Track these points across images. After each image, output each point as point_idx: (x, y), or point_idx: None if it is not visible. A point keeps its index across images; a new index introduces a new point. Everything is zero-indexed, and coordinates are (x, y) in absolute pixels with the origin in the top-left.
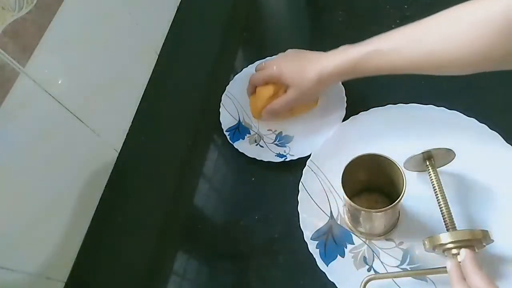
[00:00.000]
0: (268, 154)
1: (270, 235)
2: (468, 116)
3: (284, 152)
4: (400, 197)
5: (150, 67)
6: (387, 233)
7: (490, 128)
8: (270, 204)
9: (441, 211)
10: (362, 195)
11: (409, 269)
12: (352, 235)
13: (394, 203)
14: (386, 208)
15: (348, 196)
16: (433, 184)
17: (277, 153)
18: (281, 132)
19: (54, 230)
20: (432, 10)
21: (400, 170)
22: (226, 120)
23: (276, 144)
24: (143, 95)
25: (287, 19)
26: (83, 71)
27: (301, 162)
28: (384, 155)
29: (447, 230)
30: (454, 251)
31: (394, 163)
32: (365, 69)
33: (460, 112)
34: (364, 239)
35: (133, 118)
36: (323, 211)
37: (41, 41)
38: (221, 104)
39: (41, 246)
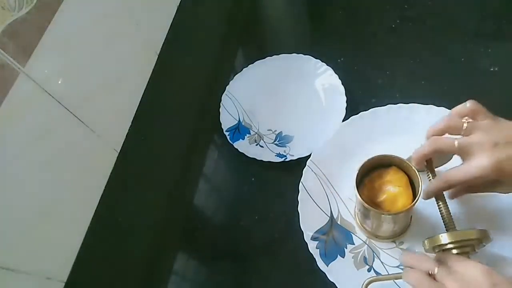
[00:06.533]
0: (268, 154)
1: (270, 235)
2: None
3: (284, 152)
4: (416, 199)
5: (150, 67)
6: (397, 236)
7: None
8: (270, 204)
9: (440, 211)
10: None
11: None
12: (353, 235)
13: (410, 206)
14: (402, 210)
15: (362, 198)
16: None
17: (277, 153)
18: (281, 132)
19: (54, 230)
20: (432, 10)
21: (416, 174)
22: (226, 120)
23: (276, 144)
24: (143, 95)
25: (287, 19)
26: (83, 71)
27: (301, 162)
28: (400, 157)
29: (447, 230)
30: (454, 251)
31: (410, 166)
32: None
33: None
34: (364, 240)
35: (133, 118)
36: (323, 211)
37: (41, 41)
38: (221, 104)
39: (41, 246)
